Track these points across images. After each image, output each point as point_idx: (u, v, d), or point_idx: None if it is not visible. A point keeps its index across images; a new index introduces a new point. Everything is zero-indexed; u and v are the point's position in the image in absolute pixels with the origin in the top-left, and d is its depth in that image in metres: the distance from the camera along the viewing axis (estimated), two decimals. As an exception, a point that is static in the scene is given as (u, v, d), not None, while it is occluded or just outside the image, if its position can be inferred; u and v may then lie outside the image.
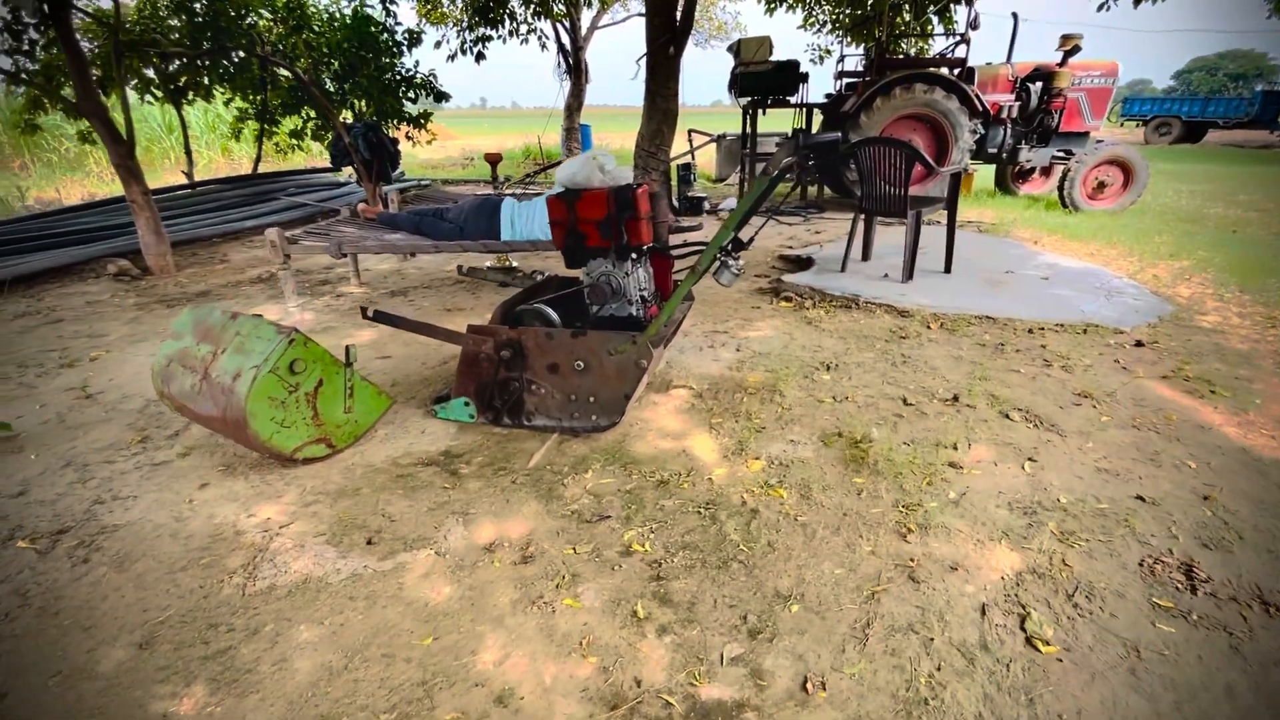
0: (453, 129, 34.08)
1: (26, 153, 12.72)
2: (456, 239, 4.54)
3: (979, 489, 2.34)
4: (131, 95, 7.57)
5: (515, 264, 5.54)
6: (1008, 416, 2.86)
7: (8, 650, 1.70)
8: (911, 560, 1.98)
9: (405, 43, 8.70)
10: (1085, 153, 7.87)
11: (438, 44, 9.66)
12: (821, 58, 12.60)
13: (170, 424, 2.95)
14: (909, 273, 4.82)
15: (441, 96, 9.26)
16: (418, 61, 10.14)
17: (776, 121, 11.30)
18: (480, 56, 10.43)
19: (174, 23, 7.75)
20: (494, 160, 5.90)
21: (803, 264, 5.73)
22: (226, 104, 9.82)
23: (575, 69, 14.45)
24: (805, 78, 8.64)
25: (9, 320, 4.55)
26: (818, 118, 9.35)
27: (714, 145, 12.73)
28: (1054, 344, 3.71)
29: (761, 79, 8.46)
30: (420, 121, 9.21)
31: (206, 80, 8.48)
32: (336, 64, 8.62)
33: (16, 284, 5.33)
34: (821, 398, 3.08)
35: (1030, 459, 2.53)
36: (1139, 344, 3.69)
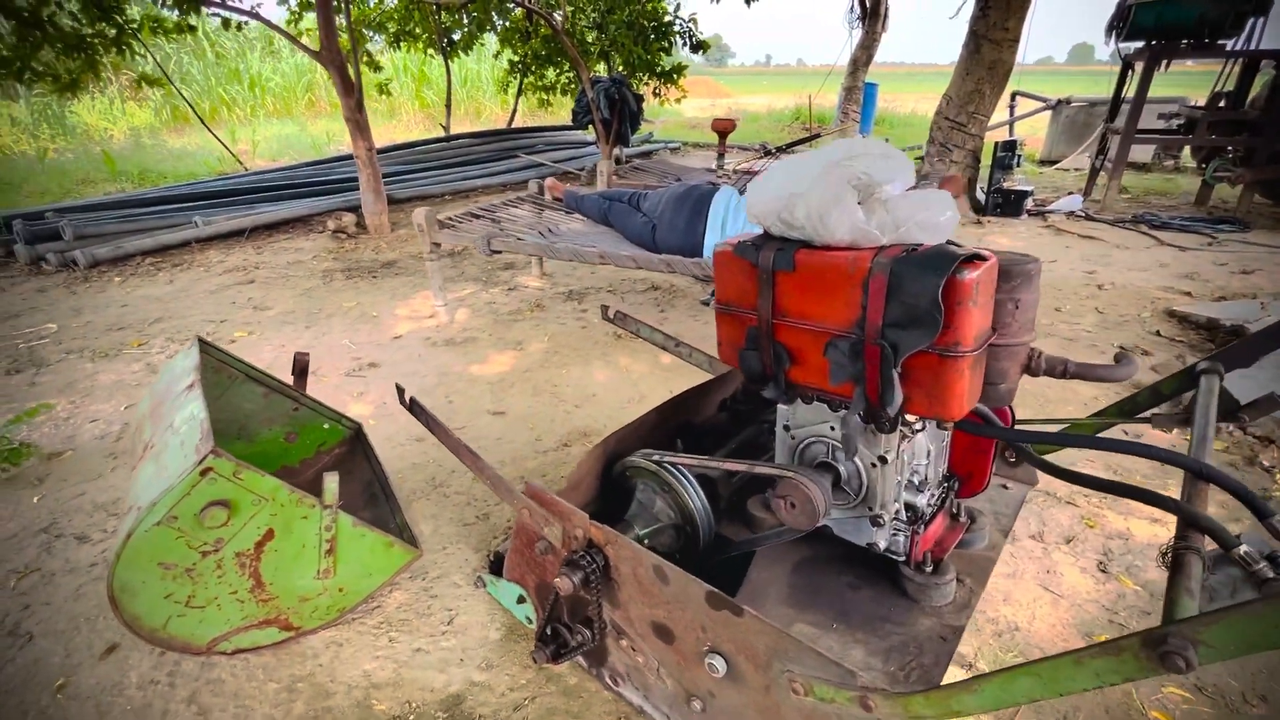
0: (731, 87, 32.91)
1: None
2: (649, 241, 3.22)
3: None
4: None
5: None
6: None
7: None
8: None
9: (668, -18, 7.49)
10: None
11: (707, -17, 8.23)
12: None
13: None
14: None
15: (700, 46, 7.92)
16: (679, 5, 8.93)
17: (1173, 82, 7.70)
18: (753, -2, 8.75)
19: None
20: (723, 130, 4.39)
21: (1213, 335, 3.24)
22: (495, 56, 9.78)
23: (872, 11, 11.87)
24: (1263, 6, 5.31)
25: (217, 274, 4.53)
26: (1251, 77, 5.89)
27: (1046, 115, 9.42)
28: None
29: (1180, 8, 5.38)
30: (672, 76, 8.01)
31: (475, 24, 8.32)
32: (594, 12, 7.79)
33: (258, 231, 5.48)
34: None
35: None
36: None
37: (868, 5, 11.89)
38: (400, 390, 1.64)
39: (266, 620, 1.51)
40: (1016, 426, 1.20)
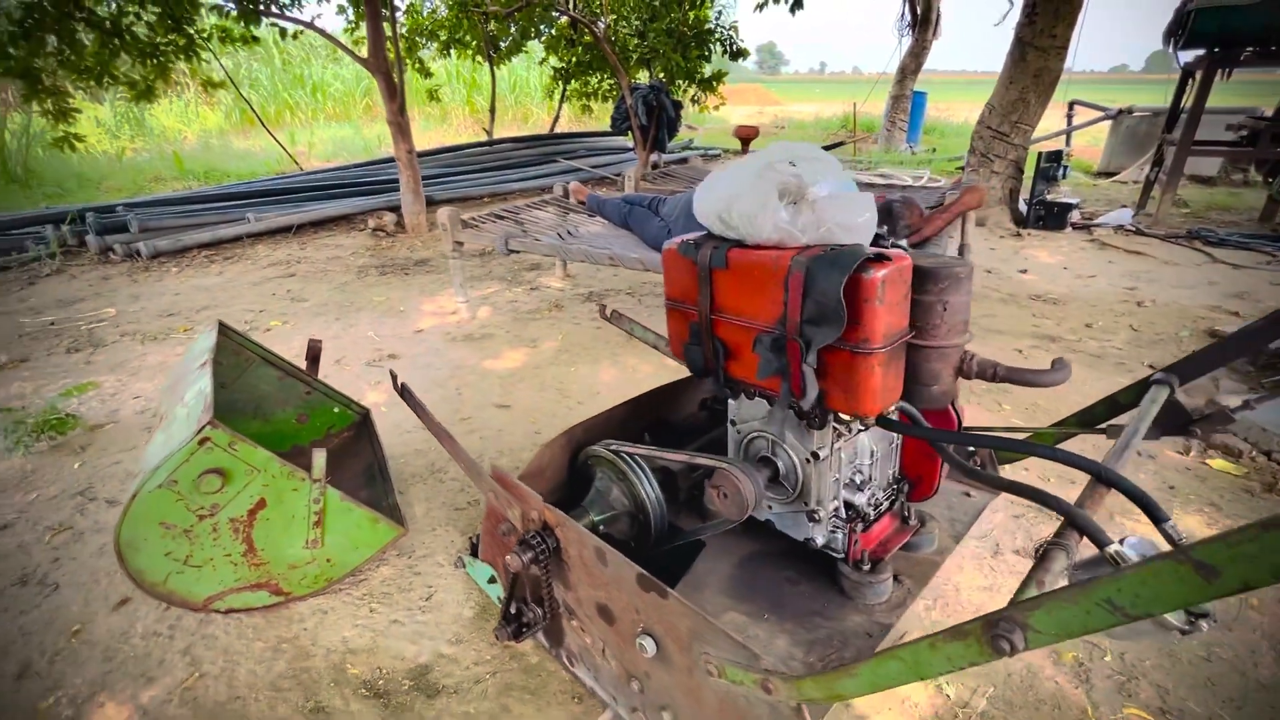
0: (781, 94, 32.65)
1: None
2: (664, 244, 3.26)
3: None
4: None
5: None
6: None
7: None
8: None
9: (709, -10, 7.54)
10: None
11: (749, -9, 8.22)
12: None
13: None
14: None
15: (739, 54, 7.94)
16: (720, 13, 8.95)
17: (1250, 91, 7.28)
18: (798, 4, 8.70)
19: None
20: (745, 137, 4.39)
21: (1255, 358, 3.07)
22: (540, 63, 10.02)
23: (923, 18, 11.63)
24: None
25: (263, 267, 4.81)
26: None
27: (1106, 125, 9.05)
28: None
29: (1245, 16, 5.11)
30: (711, 83, 8.05)
31: (519, 33, 8.55)
32: (637, 20, 7.91)
33: (304, 227, 5.78)
34: None
35: None
36: None
37: (918, 12, 11.66)
38: (394, 376, 1.73)
39: (258, 584, 1.63)
40: (967, 430, 1.20)
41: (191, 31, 5.50)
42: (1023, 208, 6.09)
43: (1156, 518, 0.76)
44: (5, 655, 1.55)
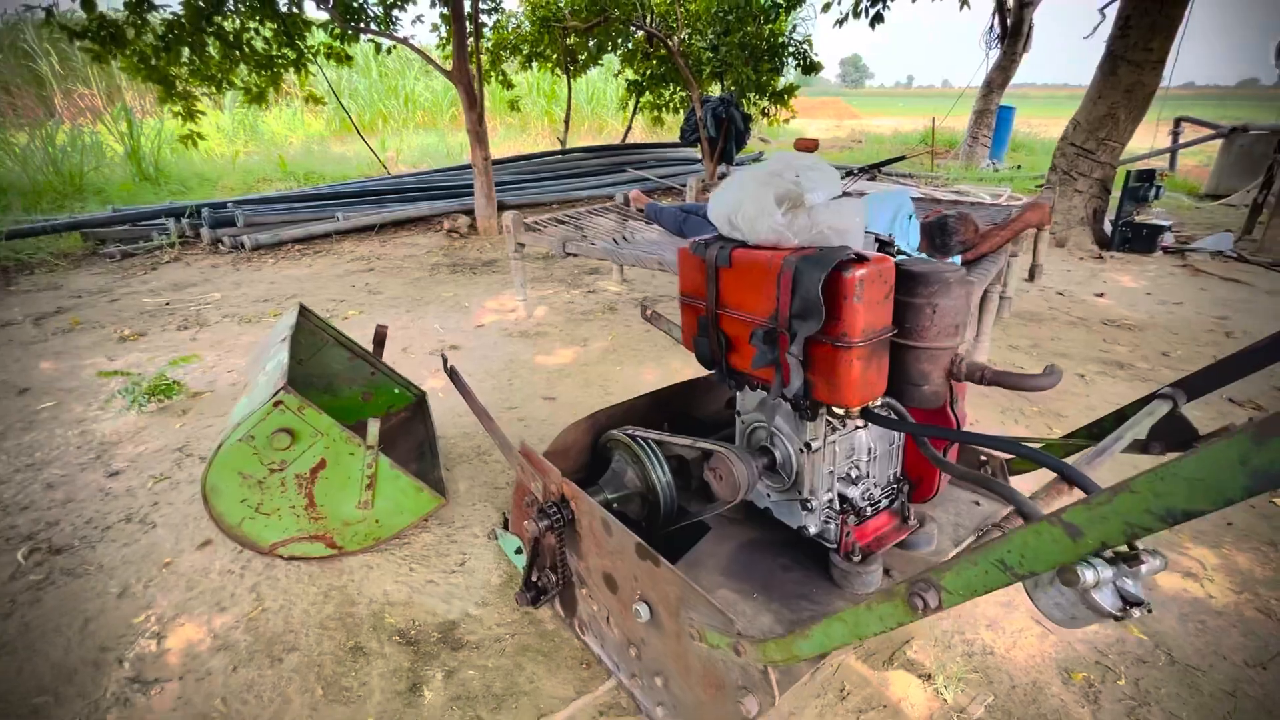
0: (863, 108, 31.96)
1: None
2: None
3: None
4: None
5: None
6: None
7: None
8: None
9: (784, 4, 7.56)
10: None
11: (826, 6, 8.18)
12: None
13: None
14: None
15: (812, 68, 7.92)
16: (795, 26, 8.93)
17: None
18: (878, 19, 8.57)
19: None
20: (805, 149, 4.41)
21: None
22: (616, 76, 10.31)
23: (1013, 30, 11.16)
24: None
25: (346, 261, 5.22)
26: None
27: (1218, 144, 8.42)
28: None
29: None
30: (782, 96, 8.07)
31: (595, 48, 8.86)
32: (711, 34, 8.04)
33: (385, 227, 6.22)
34: None
35: None
36: None
37: (1008, 23, 11.21)
38: (444, 359, 1.92)
39: (316, 536, 1.83)
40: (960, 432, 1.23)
41: (302, 46, 6.07)
42: (1108, 229, 5.77)
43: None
44: (110, 577, 1.82)
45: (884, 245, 1.19)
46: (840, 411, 1.12)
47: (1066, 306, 4.16)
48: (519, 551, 1.80)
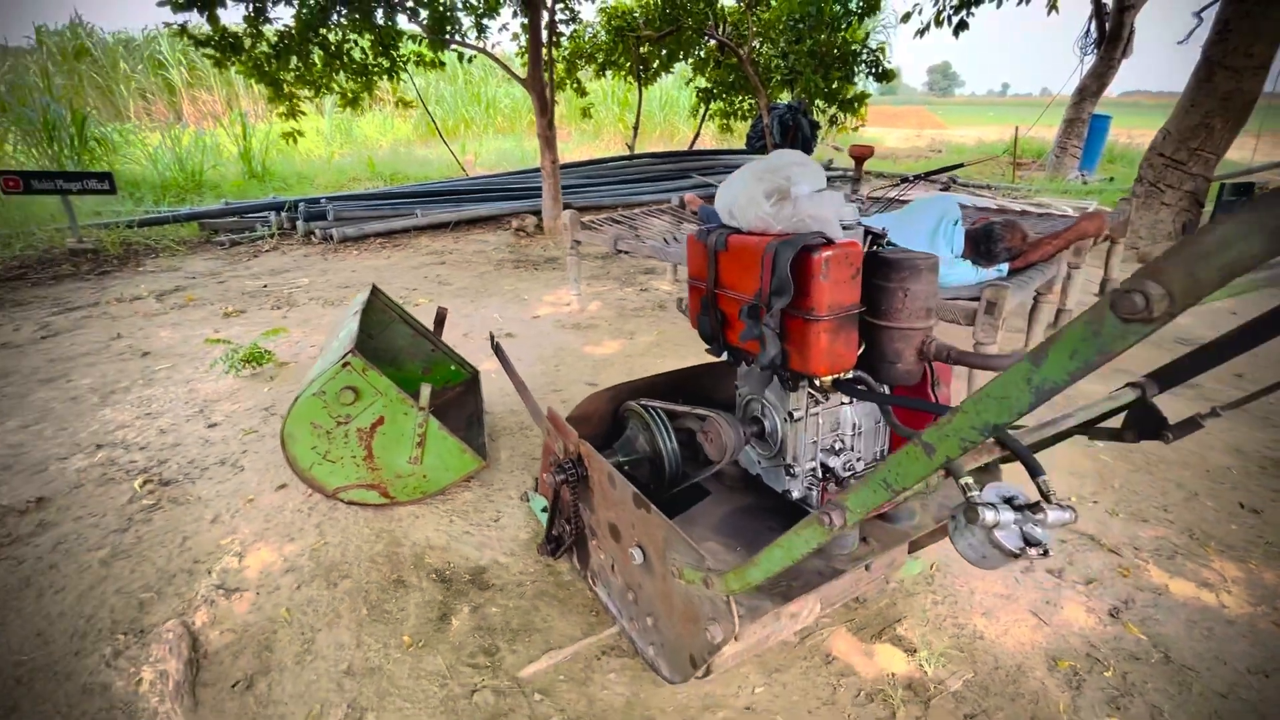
0: (949, 118, 30.81)
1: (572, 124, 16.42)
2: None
3: None
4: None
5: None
6: None
7: None
8: None
9: (859, 12, 7.53)
10: None
11: (906, 16, 8.06)
12: None
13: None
14: None
15: (885, 76, 7.83)
16: (868, 34, 8.82)
17: None
18: (962, 26, 8.37)
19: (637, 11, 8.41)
20: (860, 156, 4.41)
21: None
22: (687, 84, 10.49)
23: (1112, 35, 10.56)
24: None
25: (421, 254, 5.63)
26: None
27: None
28: None
29: None
30: (852, 104, 8.02)
31: (666, 56, 9.07)
32: (783, 42, 8.10)
33: (460, 224, 6.64)
34: None
35: None
36: None
37: (1106, 27, 10.61)
38: (491, 336, 2.13)
39: (372, 485, 2.08)
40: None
41: (395, 55, 6.60)
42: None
43: (1033, 471, 0.88)
44: (206, 507, 2.14)
45: (876, 238, 1.30)
46: (818, 383, 1.24)
47: (1134, 322, 3.99)
48: (545, 510, 1.98)
